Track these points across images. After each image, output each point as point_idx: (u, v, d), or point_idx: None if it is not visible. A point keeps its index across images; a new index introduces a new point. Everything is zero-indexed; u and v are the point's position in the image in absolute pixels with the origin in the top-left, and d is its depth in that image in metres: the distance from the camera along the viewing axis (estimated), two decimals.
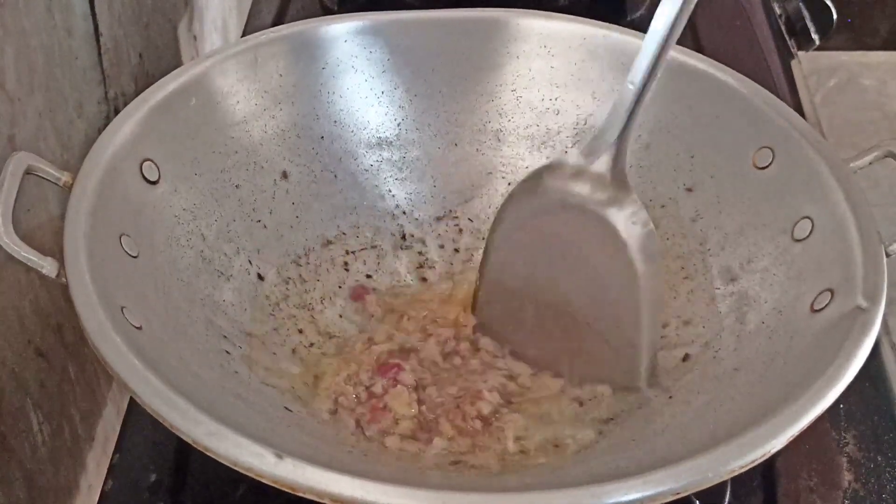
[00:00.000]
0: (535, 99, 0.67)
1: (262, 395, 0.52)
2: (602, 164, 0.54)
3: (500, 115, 0.67)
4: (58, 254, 0.48)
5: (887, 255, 0.52)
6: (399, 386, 0.55)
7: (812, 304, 0.51)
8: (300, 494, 0.40)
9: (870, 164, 0.57)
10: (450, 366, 0.58)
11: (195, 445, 0.42)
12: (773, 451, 0.42)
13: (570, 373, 0.57)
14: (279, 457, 0.41)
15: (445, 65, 0.67)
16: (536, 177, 0.57)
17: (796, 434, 0.43)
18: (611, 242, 0.54)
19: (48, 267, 0.48)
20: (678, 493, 0.41)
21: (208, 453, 0.41)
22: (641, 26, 0.51)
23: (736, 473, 0.42)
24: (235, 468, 0.41)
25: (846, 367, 0.45)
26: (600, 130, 0.55)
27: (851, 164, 0.56)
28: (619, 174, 0.54)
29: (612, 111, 0.54)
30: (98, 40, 0.68)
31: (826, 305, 0.50)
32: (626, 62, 0.64)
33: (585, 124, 0.66)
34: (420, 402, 0.55)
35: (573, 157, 0.55)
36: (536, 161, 0.67)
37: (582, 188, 0.55)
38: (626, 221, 0.54)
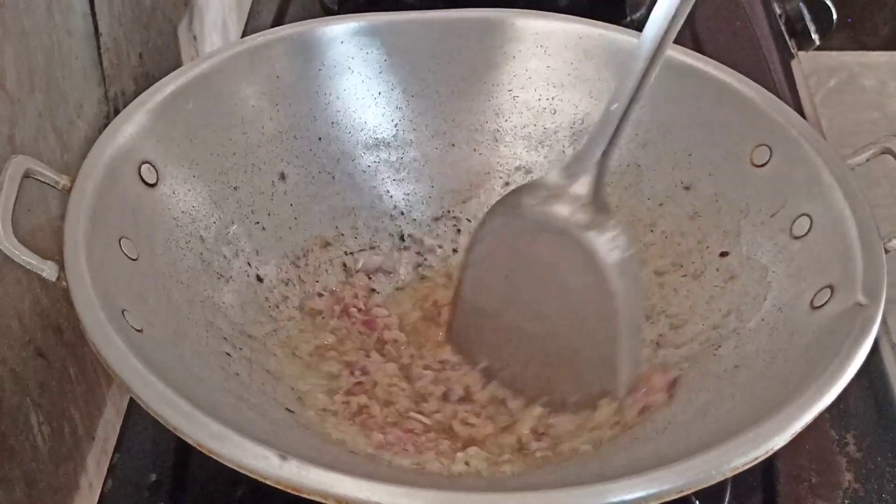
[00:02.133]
0: (532, 99, 0.67)
1: (264, 396, 0.52)
2: (583, 185, 0.53)
3: (498, 115, 0.67)
4: (58, 255, 0.48)
5: (886, 252, 0.52)
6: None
7: (812, 301, 0.51)
8: (305, 496, 0.40)
9: (867, 160, 0.57)
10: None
11: (199, 448, 0.42)
12: (777, 447, 0.42)
13: (548, 393, 0.56)
14: (283, 458, 0.41)
15: (442, 65, 0.67)
16: (516, 196, 0.56)
17: (799, 430, 0.43)
18: (589, 266, 0.53)
19: (48, 270, 0.48)
20: (682, 491, 0.41)
21: (212, 456, 0.41)
22: (642, 26, 0.51)
23: (740, 470, 0.42)
24: (240, 470, 0.41)
25: (847, 364, 0.45)
26: (582, 151, 0.54)
27: (849, 161, 0.57)
28: (599, 196, 0.53)
29: (595, 132, 0.53)
30: (98, 40, 0.68)
31: (826, 302, 0.50)
32: (621, 61, 0.65)
33: (583, 123, 0.66)
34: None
35: (553, 178, 0.54)
36: (534, 160, 0.67)
37: (561, 210, 0.53)
38: (606, 246, 0.52)
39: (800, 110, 0.80)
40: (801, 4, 0.96)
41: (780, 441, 0.42)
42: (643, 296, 0.56)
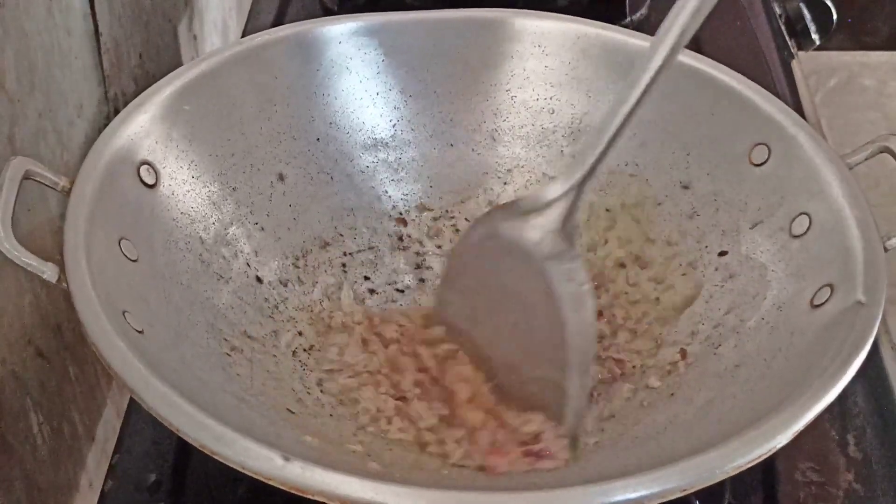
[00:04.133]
0: (530, 98, 0.67)
1: (265, 397, 0.52)
2: (556, 212, 0.54)
3: (496, 114, 0.67)
4: (58, 256, 0.48)
5: (885, 250, 0.52)
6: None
7: (812, 300, 0.52)
8: (308, 496, 0.40)
9: (866, 159, 0.57)
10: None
11: (202, 450, 0.42)
12: (779, 446, 0.43)
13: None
14: (286, 459, 0.41)
15: (440, 65, 0.67)
16: (494, 214, 0.57)
17: (802, 429, 0.43)
18: (546, 294, 0.53)
19: (49, 272, 0.48)
20: (684, 490, 0.41)
21: (216, 457, 0.41)
22: (642, 26, 0.51)
23: (742, 469, 0.42)
24: (243, 471, 0.41)
25: (849, 362, 0.45)
26: (559, 178, 0.54)
27: (848, 160, 0.57)
28: (568, 226, 0.54)
29: (576, 161, 0.53)
30: (98, 40, 0.68)
31: (826, 301, 0.51)
32: (619, 60, 0.65)
33: (580, 123, 0.66)
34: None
35: (530, 201, 0.55)
36: (532, 160, 0.67)
37: (531, 235, 0.54)
38: (562, 277, 0.53)
39: (800, 110, 0.80)
40: (801, 4, 0.96)
41: (782, 440, 0.43)
42: (595, 335, 0.56)
